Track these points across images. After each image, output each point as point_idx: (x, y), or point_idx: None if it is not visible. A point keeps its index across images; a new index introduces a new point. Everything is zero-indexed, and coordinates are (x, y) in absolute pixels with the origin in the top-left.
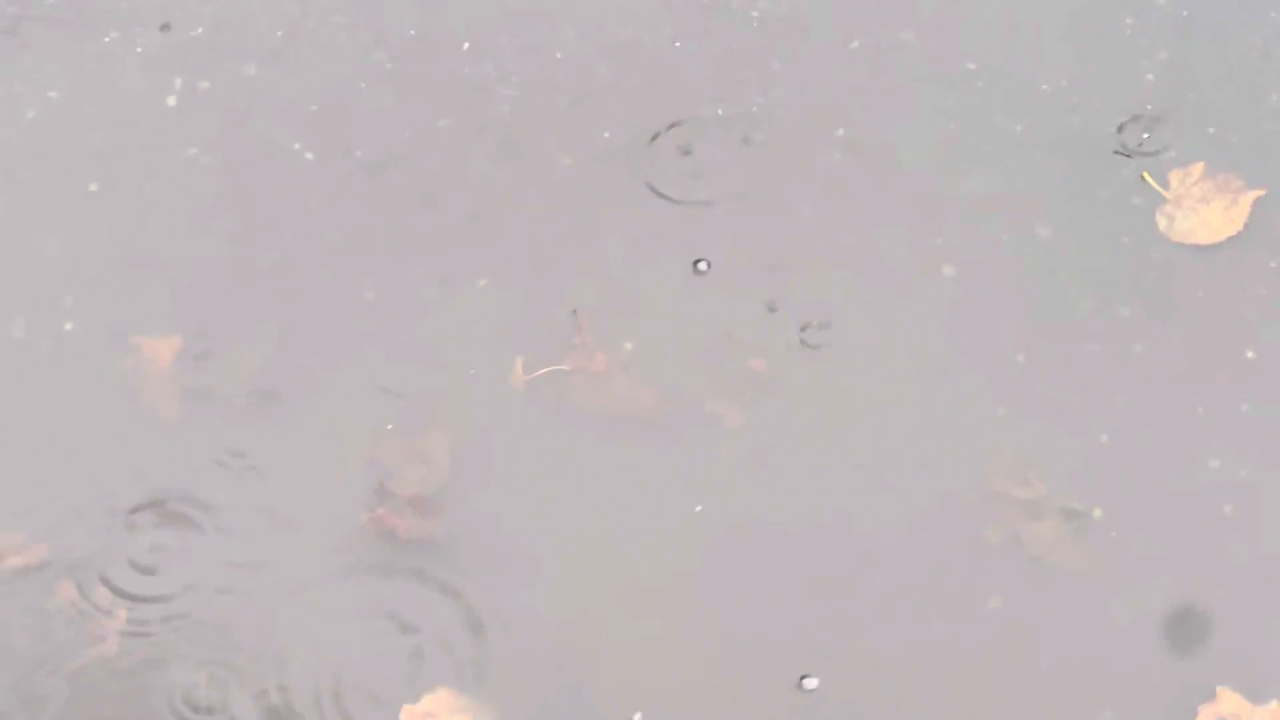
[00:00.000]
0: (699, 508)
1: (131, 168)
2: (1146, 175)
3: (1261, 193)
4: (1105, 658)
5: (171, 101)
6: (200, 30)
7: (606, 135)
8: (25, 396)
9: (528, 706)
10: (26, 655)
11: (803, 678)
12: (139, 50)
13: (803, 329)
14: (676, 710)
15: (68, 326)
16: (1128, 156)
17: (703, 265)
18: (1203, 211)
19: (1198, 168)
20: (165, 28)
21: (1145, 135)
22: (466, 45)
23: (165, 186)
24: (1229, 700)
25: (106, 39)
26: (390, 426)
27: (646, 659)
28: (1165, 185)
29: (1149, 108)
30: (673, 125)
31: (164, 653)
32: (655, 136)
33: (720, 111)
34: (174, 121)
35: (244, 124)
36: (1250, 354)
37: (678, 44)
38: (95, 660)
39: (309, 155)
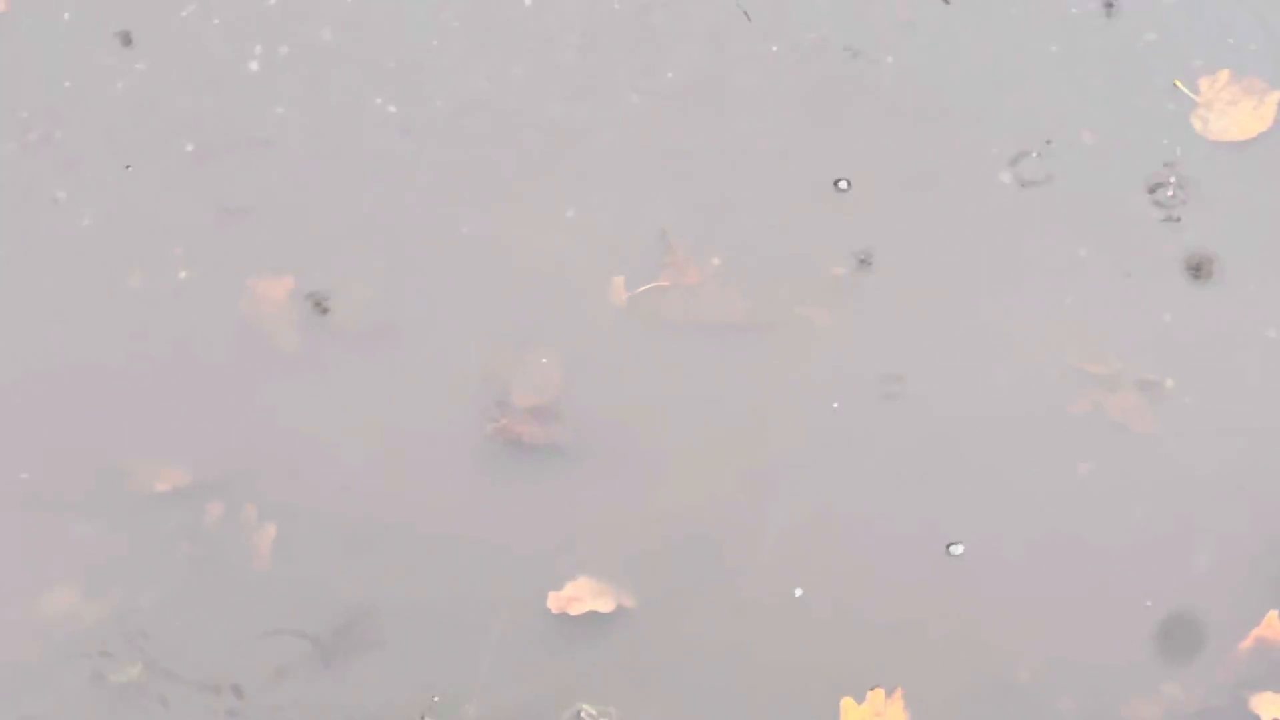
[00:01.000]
0: (836, 404)
1: (224, 127)
2: (1178, 83)
3: None
4: (1194, 510)
5: (254, 66)
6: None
7: (670, 76)
8: (151, 337)
9: (666, 587)
10: (183, 571)
11: (949, 545)
12: (216, 21)
13: (874, 241)
14: (833, 583)
15: (182, 275)
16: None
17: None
18: (1233, 113)
19: (1224, 74)
20: None
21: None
22: (528, 1)
23: (257, 143)
24: None
25: (184, 12)
26: (502, 345)
27: (791, 539)
28: (1195, 91)
29: (1170, 27)
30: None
31: (312, 563)
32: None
33: (775, 49)
34: (259, 84)
35: (326, 83)
36: None
37: None
38: (250, 573)
39: (391, 108)
